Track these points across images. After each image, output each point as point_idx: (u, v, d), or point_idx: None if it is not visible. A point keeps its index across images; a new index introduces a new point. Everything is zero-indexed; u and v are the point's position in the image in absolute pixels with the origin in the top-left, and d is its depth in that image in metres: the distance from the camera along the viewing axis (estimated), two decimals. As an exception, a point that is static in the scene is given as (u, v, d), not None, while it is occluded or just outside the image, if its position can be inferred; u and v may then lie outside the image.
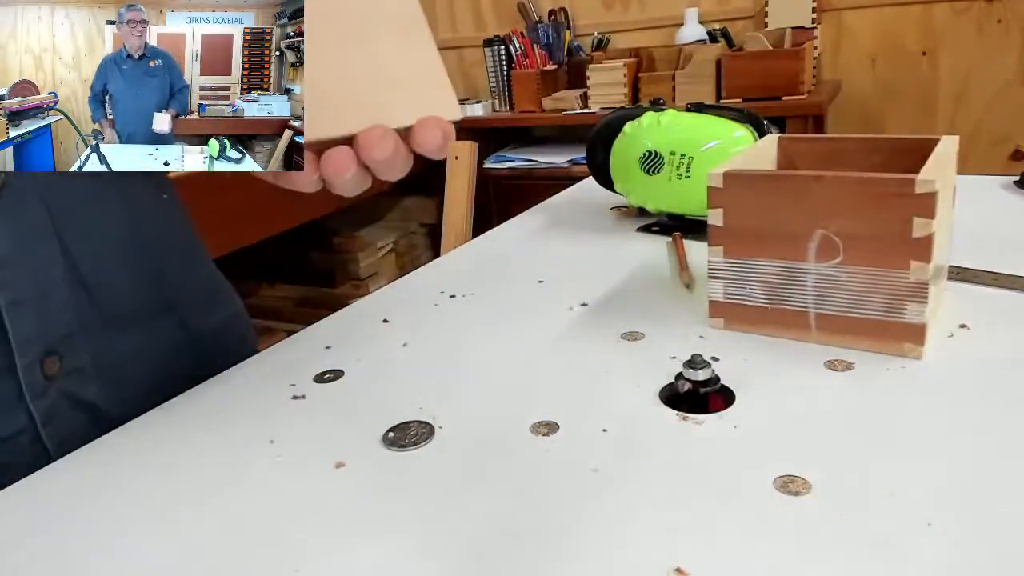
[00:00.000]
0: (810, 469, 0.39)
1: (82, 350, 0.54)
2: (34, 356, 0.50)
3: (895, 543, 0.34)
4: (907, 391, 0.46)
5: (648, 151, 0.78)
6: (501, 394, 0.50)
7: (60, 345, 0.52)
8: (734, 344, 0.54)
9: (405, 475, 0.42)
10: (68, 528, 0.41)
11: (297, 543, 0.38)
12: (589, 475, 0.40)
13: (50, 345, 0.51)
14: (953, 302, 0.57)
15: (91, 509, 0.42)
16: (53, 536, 0.40)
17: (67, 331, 0.52)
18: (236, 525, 0.40)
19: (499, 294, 0.68)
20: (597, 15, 2.70)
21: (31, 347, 0.50)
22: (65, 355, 0.52)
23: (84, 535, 0.40)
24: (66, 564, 0.38)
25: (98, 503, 0.43)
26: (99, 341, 0.55)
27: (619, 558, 0.34)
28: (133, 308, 0.58)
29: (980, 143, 2.29)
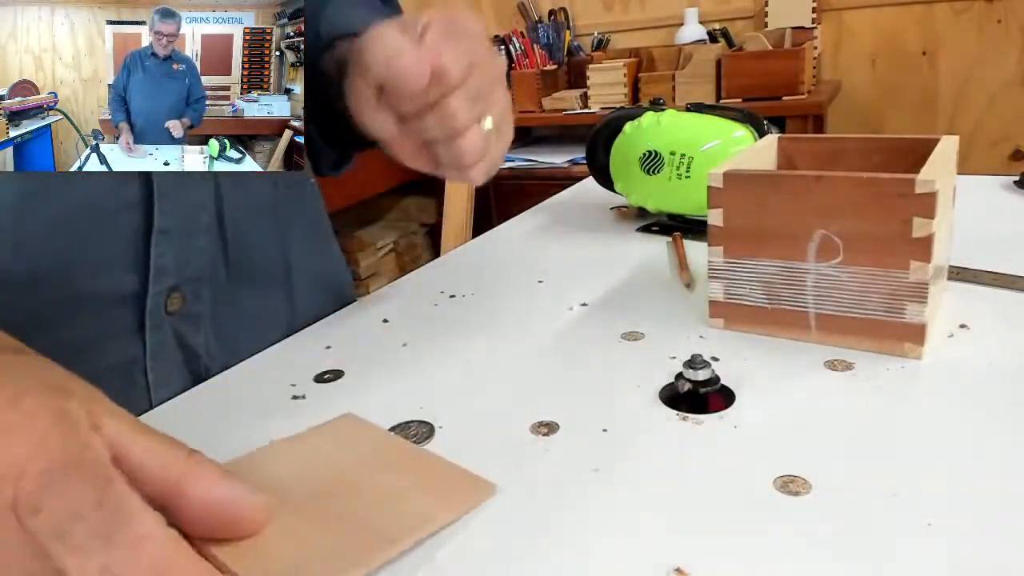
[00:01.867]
0: (810, 469, 0.39)
1: (205, 298, 0.57)
2: (163, 287, 0.53)
3: (895, 543, 0.34)
4: (907, 391, 0.46)
5: (648, 151, 0.78)
6: (501, 394, 0.50)
7: (188, 285, 0.55)
8: (734, 344, 0.54)
9: (405, 475, 0.42)
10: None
11: (297, 543, 0.38)
12: (589, 475, 0.40)
13: (180, 282, 0.54)
14: (953, 302, 0.57)
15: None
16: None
17: (197, 274, 0.56)
18: (236, 525, 0.39)
19: (499, 294, 0.68)
20: (597, 15, 2.70)
21: (164, 278, 0.53)
22: (189, 296, 0.55)
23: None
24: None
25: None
26: (221, 294, 0.58)
27: (619, 558, 0.34)
28: (258, 272, 0.62)
29: (980, 143, 2.29)
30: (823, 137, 0.67)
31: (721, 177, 0.53)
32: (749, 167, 0.56)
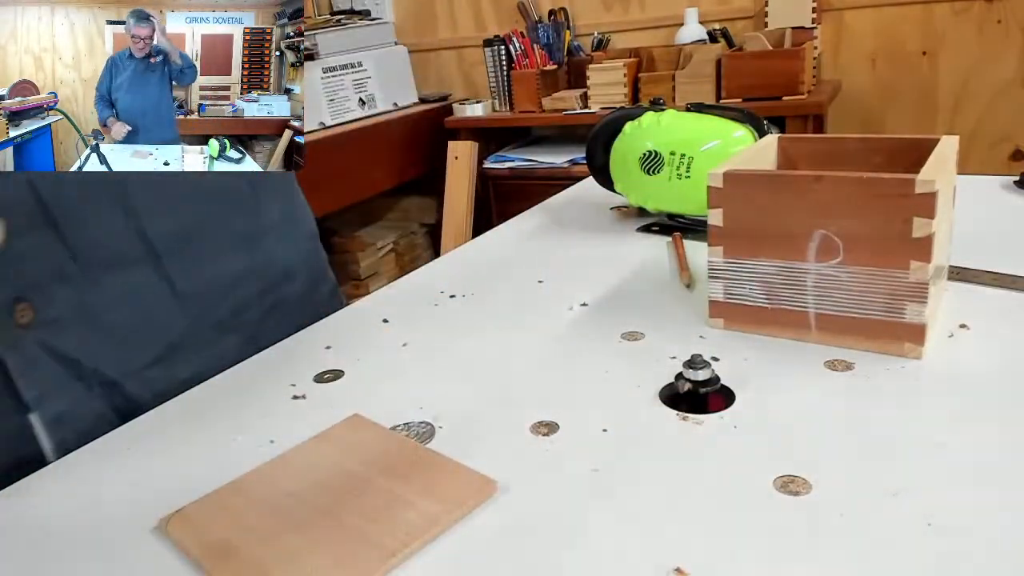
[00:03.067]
0: (810, 469, 0.39)
1: (59, 299, 0.51)
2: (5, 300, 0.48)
3: (895, 543, 0.34)
4: (907, 391, 0.46)
5: (648, 151, 0.78)
6: (501, 394, 0.50)
7: (33, 292, 0.49)
8: (734, 344, 0.54)
9: (405, 475, 0.42)
10: (66, 531, 0.41)
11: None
12: (589, 475, 0.40)
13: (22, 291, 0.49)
14: (953, 302, 0.57)
15: (89, 510, 0.42)
16: (44, 542, 0.40)
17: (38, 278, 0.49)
18: (236, 525, 0.39)
19: (499, 294, 0.68)
20: (597, 15, 2.70)
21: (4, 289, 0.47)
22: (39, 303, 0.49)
23: (83, 535, 0.40)
24: (63, 568, 0.38)
25: (97, 504, 0.43)
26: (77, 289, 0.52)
27: (619, 558, 0.34)
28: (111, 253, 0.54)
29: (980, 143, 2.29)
30: (823, 137, 0.67)
31: (721, 177, 0.53)
32: (749, 167, 0.56)
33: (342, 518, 0.38)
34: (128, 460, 0.47)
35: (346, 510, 0.38)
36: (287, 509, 0.39)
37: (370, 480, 0.41)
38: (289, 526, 0.37)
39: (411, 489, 0.39)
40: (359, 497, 0.39)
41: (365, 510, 0.38)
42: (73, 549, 0.39)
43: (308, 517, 0.38)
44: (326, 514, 0.38)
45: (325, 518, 0.38)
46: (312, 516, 0.38)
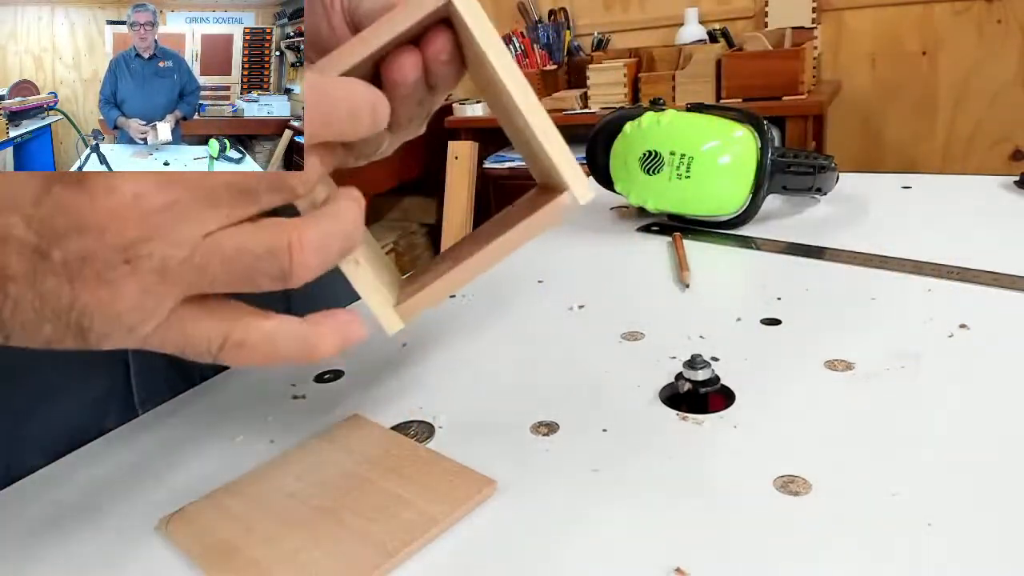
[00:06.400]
0: (810, 469, 0.39)
1: None
2: None
3: (895, 543, 0.34)
4: (907, 391, 0.46)
5: (648, 151, 0.78)
6: (501, 394, 0.50)
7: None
8: (734, 344, 0.54)
9: (405, 475, 0.42)
10: (65, 534, 0.41)
11: (297, 543, 0.38)
12: (589, 475, 0.40)
13: None
14: (953, 302, 0.57)
15: (95, 512, 0.42)
16: (43, 542, 0.40)
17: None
18: (236, 525, 0.39)
19: (499, 294, 0.68)
20: (597, 15, 2.70)
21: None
22: None
23: (83, 535, 0.40)
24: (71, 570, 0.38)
25: (97, 504, 0.43)
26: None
27: (619, 558, 0.34)
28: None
29: (980, 143, 2.29)
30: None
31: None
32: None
33: (342, 518, 0.38)
34: (128, 460, 0.47)
35: (346, 510, 0.38)
36: (287, 509, 0.39)
37: (370, 480, 0.41)
38: (289, 526, 0.38)
39: (411, 489, 0.39)
40: (359, 497, 0.39)
41: (365, 510, 0.38)
42: (73, 549, 0.39)
43: (308, 517, 0.38)
44: (326, 514, 0.38)
45: (325, 518, 0.38)
46: (312, 516, 0.38)
